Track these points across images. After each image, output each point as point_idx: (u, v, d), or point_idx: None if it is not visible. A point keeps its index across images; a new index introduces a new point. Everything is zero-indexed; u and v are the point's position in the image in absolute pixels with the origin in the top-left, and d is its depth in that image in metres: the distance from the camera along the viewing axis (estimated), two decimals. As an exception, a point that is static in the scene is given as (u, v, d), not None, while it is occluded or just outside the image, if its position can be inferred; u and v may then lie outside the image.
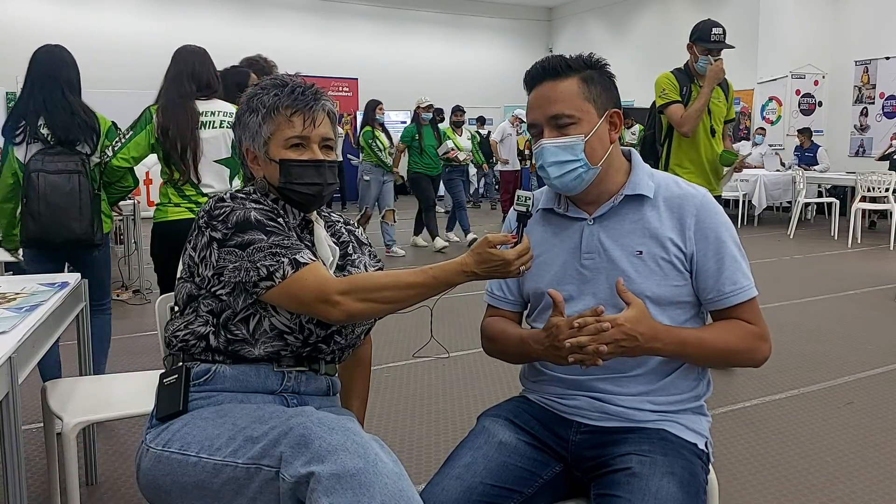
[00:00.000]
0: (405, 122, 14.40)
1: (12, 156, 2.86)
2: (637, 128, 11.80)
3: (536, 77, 1.45)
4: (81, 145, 2.89)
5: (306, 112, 1.47)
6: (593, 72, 1.44)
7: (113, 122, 3.09)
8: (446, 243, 7.88)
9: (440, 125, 12.24)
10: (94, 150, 2.92)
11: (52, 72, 2.86)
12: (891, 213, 8.02)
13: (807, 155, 10.31)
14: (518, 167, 9.88)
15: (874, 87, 10.87)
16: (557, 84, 1.42)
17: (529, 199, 1.37)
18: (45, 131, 2.81)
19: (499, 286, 1.61)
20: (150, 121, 2.92)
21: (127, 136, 2.94)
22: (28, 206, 2.77)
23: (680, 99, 3.69)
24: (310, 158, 1.48)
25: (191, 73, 2.95)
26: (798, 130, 10.56)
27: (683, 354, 1.40)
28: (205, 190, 2.96)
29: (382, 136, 7.38)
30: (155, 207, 3.06)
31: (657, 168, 3.63)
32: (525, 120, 1.53)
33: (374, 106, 7.42)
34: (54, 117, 2.80)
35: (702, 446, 1.43)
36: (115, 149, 2.92)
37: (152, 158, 3.13)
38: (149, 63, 13.62)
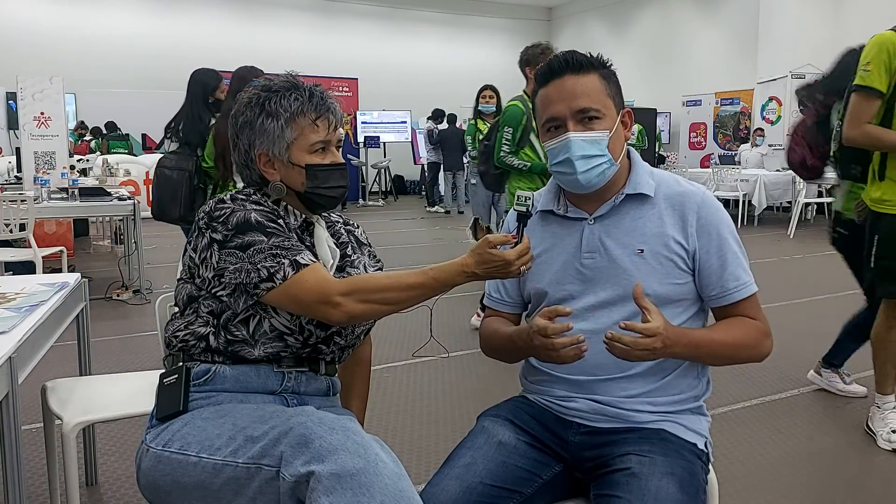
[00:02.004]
0: (405, 122, 14.49)
1: (166, 148, 4.06)
2: (636, 128, 11.79)
3: (557, 70, 1.43)
4: (199, 148, 3.75)
5: (329, 116, 1.48)
6: (608, 71, 1.46)
7: None
8: None
9: (439, 126, 12.33)
10: (203, 153, 3.76)
11: (189, 88, 3.77)
12: (891, 213, 8.00)
13: None
14: None
15: (874, 87, 10.84)
16: (581, 78, 1.41)
17: (529, 199, 1.37)
18: (182, 134, 3.78)
19: (496, 288, 1.61)
20: None
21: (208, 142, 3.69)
22: (152, 190, 3.85)
23: (881, 90, 2.55)
24: (333, 162, 1.49)
25: (236, 91, 3.53)
26: None
27: (696, 356, 1.41)
28: (239, 185, 3.60)
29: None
30: None
31: (865, 177, 2.78)
32: None
33: (477, 93, 5.90)
34: (183, 124, 3.76)
35: (701, 446, 1.43)
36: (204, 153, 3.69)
37: (152, 158, 3.47)
38: (149, 63, 13.69)
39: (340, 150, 1.55)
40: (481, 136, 5.56)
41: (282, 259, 1.35)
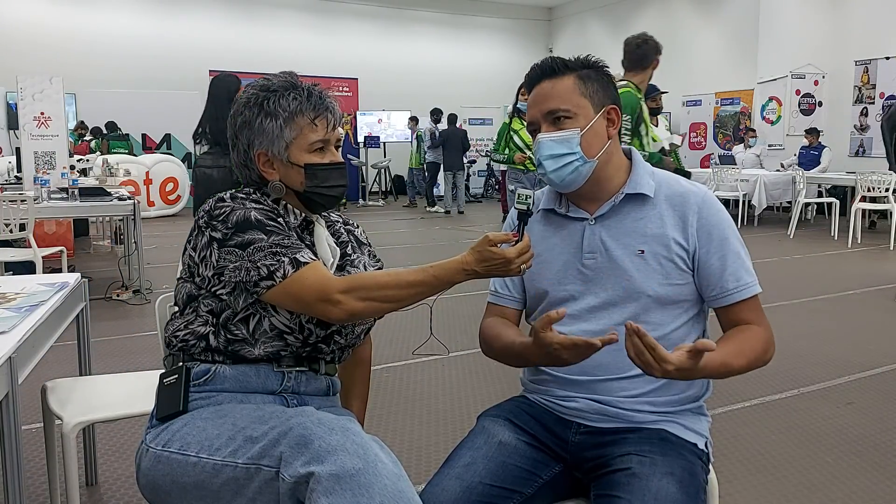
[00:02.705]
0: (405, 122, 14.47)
1: (195, 152, 4.22)
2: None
3: (535, 78, 1.49)
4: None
5: (328, 116, 1.48)
6: (590, 71, 1.47)
7: None
8: None
9: (439, 126, 12.32)
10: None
11: (211, 91, 3.86)
12: (891, 213, 8.01)
13: (812, 153, 10.28)
14: None
15: (874, 87, 10.85)
16: (554, 82, 1.46)
17: (530, 197, 1.37)
18: (210, 136, 3.84)
19: (502, 284, 1.60)
20: None
21: None
22: (194, 191, 3.85)
23: None
24: (332, 161, 1.50)
25: None
26: (805, 131, 10.55)
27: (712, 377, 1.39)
28: None
29: (526, 131, 5.22)
30: None
31: None
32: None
33: (517, 89, 5.52)
34: (212, 125, 3.79)
35: (702, 446, 1.43)
36: None
37: (152, 158, 3.39)
38: (149, 63, 13.70)
39: (340, 149, 1.56)
40: (514, 136, 5.48)
41: (282, 257, 1.35)
